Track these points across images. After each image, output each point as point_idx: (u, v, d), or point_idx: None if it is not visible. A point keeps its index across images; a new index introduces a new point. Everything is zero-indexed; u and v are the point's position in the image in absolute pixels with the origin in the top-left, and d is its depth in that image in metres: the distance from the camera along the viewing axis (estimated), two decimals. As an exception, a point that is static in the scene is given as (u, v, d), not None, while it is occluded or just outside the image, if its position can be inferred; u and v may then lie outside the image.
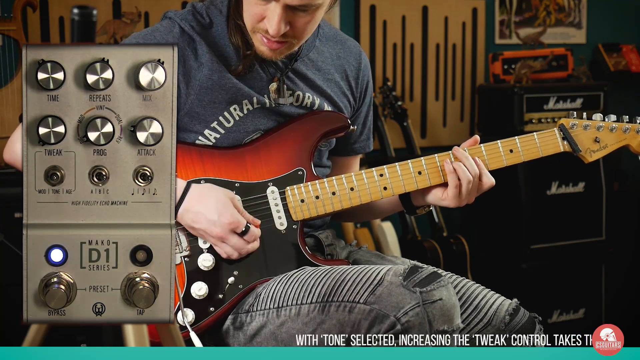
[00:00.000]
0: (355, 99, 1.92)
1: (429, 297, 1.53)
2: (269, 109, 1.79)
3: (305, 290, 1.62)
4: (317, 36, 1.86)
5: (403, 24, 3.69)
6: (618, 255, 3.62)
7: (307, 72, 1.83)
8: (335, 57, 1.88)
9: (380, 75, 3.64)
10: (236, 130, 1.77)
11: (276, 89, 1.79)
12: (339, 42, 1.91)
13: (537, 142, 1.81)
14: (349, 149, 1.97)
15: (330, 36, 1.90)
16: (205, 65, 1.73)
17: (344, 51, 1.90)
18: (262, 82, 1.78)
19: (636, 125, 1.85)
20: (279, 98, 1.79)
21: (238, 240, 1.67)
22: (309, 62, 1.84)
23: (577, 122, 1.83)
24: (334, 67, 1.87)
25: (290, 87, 1.81)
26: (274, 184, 1.76)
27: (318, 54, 1.86)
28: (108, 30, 3.08)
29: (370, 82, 1.96)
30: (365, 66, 1.94)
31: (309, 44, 1.84)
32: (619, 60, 3.97)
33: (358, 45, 1.95)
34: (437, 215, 3.46)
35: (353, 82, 1.90)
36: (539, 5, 3.97)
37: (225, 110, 1.76)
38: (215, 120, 1.76)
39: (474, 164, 1.74)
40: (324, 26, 1.89)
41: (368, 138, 1.99)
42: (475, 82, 3.85)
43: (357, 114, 1.95)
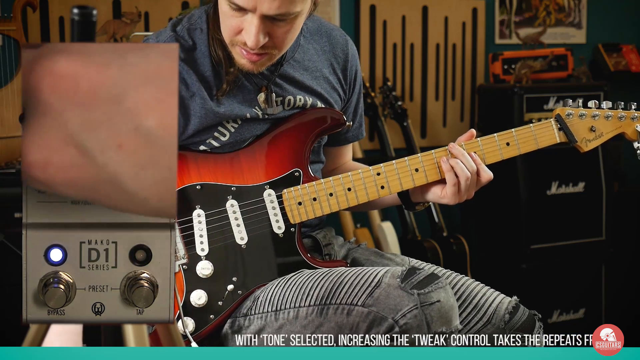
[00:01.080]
0: (345, 91, 1.90)
1: (426, 299, 1.53)
2: (262, 119, 1.77)
3: (303, 293, 1.62)
4: (301, 33, 1.83)
5: (403, 24, 3.69)
6: (618, 255, 3.62)
7: (294, 75, 1.80)
8: (321, 52, 1.85)
9: (380, 75, 3.64)
10: (232, 141, 1.75)
11: (264, 99, 1.76)
12: (324, 35, 1.87)
13: (534, 133, 1.80)
14: (341, 138, 1.96)
15: (314, 30, 1.87)
16: (196, 95, 1.71)
17: (330, 43, 1.87)
18: (251, 94, 1.76)
19: (631, 112, 1.84)
20: (267, 108, 1.76)
21: None
22: (295, 63, 1.81)
23: (572, 111, 1.82)
24: (320, 63, 1.85)
25: (279, 94, 1.78)
26: (271, 187, 1.74)
27: (304, 52, 1.83)
28: (108, 30, 3.08)
29: (359, 70, 1.93)
30: (353, 55, 1.90)
31: (294, 44, 1.80)
32: (619, 60, 3.97)
33: (344, 34, 1.92)
34: (437, 215, 3.46)
35: (341, 74, 1.88)
36: (539, 5, 3.97)
37: (219, 125, 1.74)
38: (210, 137, 1.75)
39: (470, 160, 1.73)
40: (306, 21, 1.84)
41: (360, 125, 1.98)
42: (475, 82, 3.85)
43: (347, 104, 1.93)
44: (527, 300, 1.83)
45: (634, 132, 1.84)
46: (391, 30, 3.67)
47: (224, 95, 1.72)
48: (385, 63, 3.67)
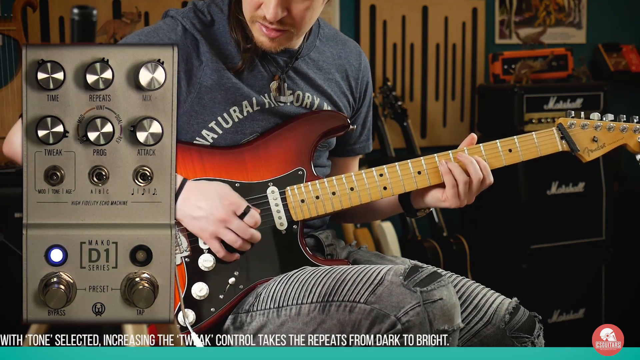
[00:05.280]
0: (355, 99, 1.92)
1: (429, 296, 1.53)
2: (268, 110, 1.79)
3: (306, 290, 1.62)
4: (318, 36, 1.87)
5: (403, 24, 3.69)
6: (618, 255, 3.62)
7: (308, 72, 1.83)
8: (337, 57, 1.89)
9: (380, 75, 3.64)
10: (234, 131, 1.77)
11: (277, 87, 1.79)
12: (340, 43, 1.91)
13: (536, 141, 1.81)
14: (348, 149, 1.97)
15: (331, 36, 1.91)
16: (206, 64, 1.74)
17: (345, 51, 1.91)
18: (263, 80, 1.79)
19: (633, 124, 1.85)
20: (279, 96, 1.79)
21: (240, 224, 1.66)
22: (309, 61, 1.84)
23: (575, 121, 1.83)
24: (334, 67, 1.88)
25: (290, 87, 1.81)
26: (274, 184, 1.76)
27: (319, 53, 1.86)
28: (108, 30, 3.08)
29: (370, 83, 1.96)
30: (365, 67, 1.94)
31: (310, 43, 1.84)
32: (619, 60, 3.97)
33: (358, 46, 1.96)
34: (437, 215, 3.46)
35: (353, 82, 1.91)
36: (539, 5, 3.97)
37: (224, 111, 1.76)
38: (213, 120, 1.76)
39: (478, 169, 1.73)
40: (324, 26, 1.90)
41: (368, 139, 1.99)
42: (475, 82, 3.85)
43: (357, 114, 1.95)
44: (527, 300, 1.83)
45: (637, 144, 1.84)
46: (391, 30, 3.66)
47: (238, 73, 1.75)
48: (385, 63, 3.67)
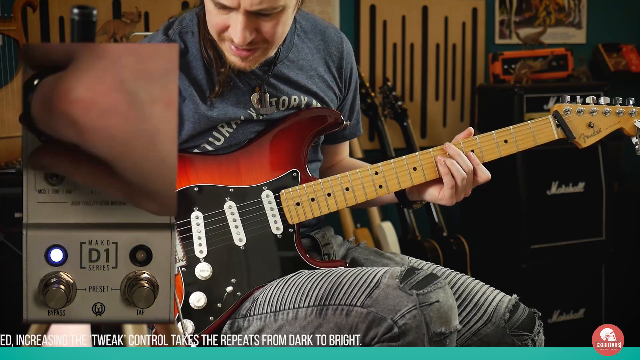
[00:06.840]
0: (340, 89, 1.89)
1: (425, 299, 1.53)
2: (256, 120, 1.77)
3: (303, 293, 1.62)
4: (295, 32, 1.82)
5: (403, 24, 3.69)
6: (618, 255, 3.62)
7: (289, 74, 1.79)
8: (315, 50, 1.84)
9: (380, 75, 3.64)
10: (227, 145, 1.75)
11: (258, 100, 1.75)
12: (319, 33, 1.86)
13: (532, 130, 1.79)
14: (338, 136, 1.95)
15: (309, 29, 1.86)
16: (188, 99, 1.70)
17: (324, 41, 1.86)
18: (244, 95, 1.75)
19: (629, 107, 1.84)
20: (260, 109, 1.75)
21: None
22: (289, 63, 1.80)
23: (570, 107, 1.82)
24: (315, 61, 1.83)
25: (273, 94, 1.77)
26: (269, 188, 1.74)
27: (298, 52, 1.82)
28: (108, 30, 3.08)
29: (355, 67, 1.92)
30: (348, 53, 1.89)
31: (287, 43, 1.79)
32: (619, 60, 3.97)
33: (339, 32, 1.91)
34: (437, 215, 3.46)
35: (336, 72, 1.87)
36: (539, 5, 3.97)
37: (214, 130, 1.74)
38: (205, 142, 1.74)
39: (467, 160, 1.73)
40: (300, 20, 1.84)
41: (357, 122, 1.97)
42: (475, 82, 3.85)
43: (343, 102, 1.92)
44: (527, 300, 1.83)
45: (632, 127, 1.83)
46: (391, 30, 3.66)
47: (217, 97, 1.71)
48: (385, 63, 3.67)
